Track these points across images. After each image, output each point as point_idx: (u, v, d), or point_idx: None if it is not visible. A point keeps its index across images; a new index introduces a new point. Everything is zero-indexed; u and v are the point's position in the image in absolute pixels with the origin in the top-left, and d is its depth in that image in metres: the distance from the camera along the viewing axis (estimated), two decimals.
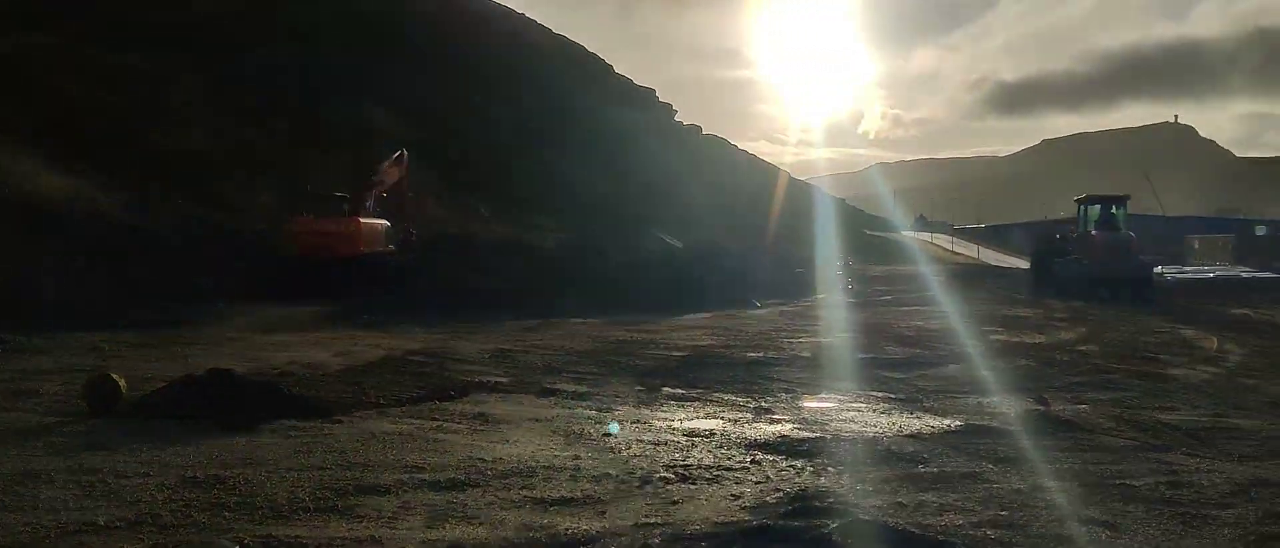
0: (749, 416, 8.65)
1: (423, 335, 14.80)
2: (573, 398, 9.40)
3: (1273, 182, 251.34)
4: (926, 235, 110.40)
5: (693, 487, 5.96)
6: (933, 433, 7.93)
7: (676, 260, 24.11)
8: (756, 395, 9.76)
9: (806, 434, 7.72)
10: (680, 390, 10.03)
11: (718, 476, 6.20)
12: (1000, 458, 6.96)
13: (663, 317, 18.56)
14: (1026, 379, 11.25)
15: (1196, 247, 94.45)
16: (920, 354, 13.22)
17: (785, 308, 21.77)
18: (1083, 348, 14.13)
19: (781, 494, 5.77)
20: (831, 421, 8.45)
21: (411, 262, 27.68)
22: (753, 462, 6.68)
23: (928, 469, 6.55)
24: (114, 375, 8.30)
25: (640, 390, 10.01)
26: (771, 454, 7.00)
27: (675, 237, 44.21)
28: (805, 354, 13.07)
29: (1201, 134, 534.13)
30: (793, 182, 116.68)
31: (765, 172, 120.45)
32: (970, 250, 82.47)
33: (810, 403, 9.47)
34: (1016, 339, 15.38)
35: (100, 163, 31.94)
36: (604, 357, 12.41)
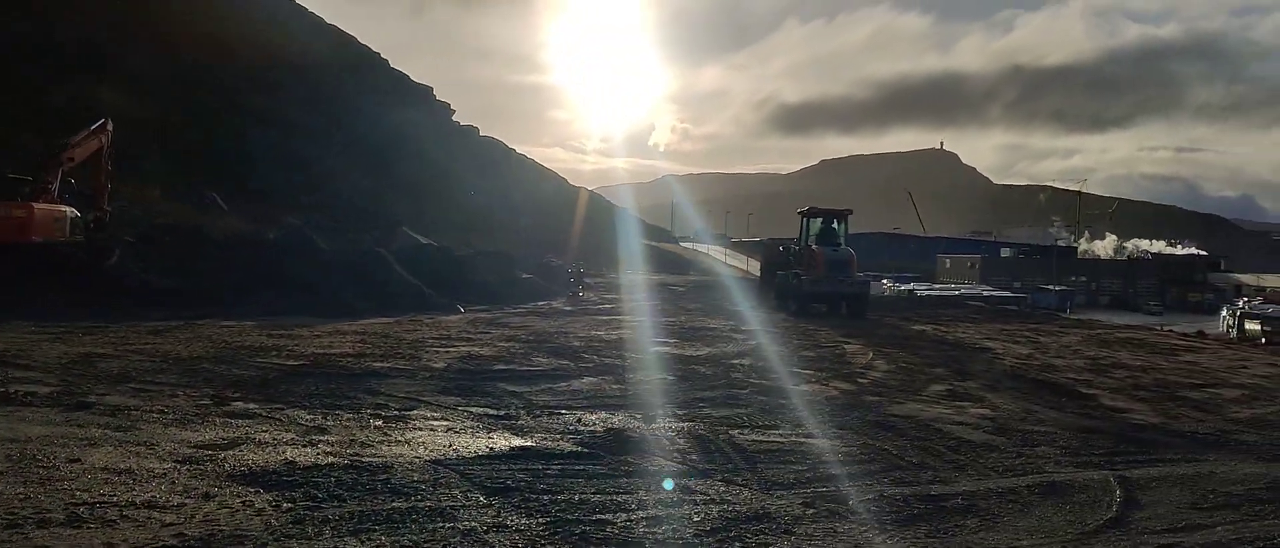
0: (293, 436, 7.68)
1: (24, 335, 13.06)
2: (108, 412, 8.19)
3: (1023, 207, 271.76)
4: (704, 247, 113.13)
5: (73, 531, 4.94)
6: (475, 457, 7.20)
7: (373, 261, 22.73)
8: (332, 413, 8.79)
9: (331, 461, 6.84)
10: (252, 406, 8.95)
11: (113, 519, 5.19)
12: (504, 489, 6.28)
13: (334, 320, 17.36)
14: (656, 395, 10.80)
15: (947, 265, 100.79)
16: (565, 367, 12.60)
17: (484, 315, 20.89)
18: (740, 362, 13.90)
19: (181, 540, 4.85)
20: (385, 443, 7.59)
21: (96, 248, 25.22)
22: (216, 497, 5.74)
23: (398, 504, 5.78)
24: None
25: (206, 405, 8.87)
26: (252, 487, 6.07)
27: (429, 237, 42.84)
28: (438, 365, 12.21)
29: (964, 160, 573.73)
30: (573, 188, 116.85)
31: (552, 176, 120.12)
32: (740, 262, 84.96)
33: (377, 422, 8.57)
34: (682, 352, 15.06)
35: None
36: (203, 365, 11.15)
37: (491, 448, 7.57)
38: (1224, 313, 34.97)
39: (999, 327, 24.07)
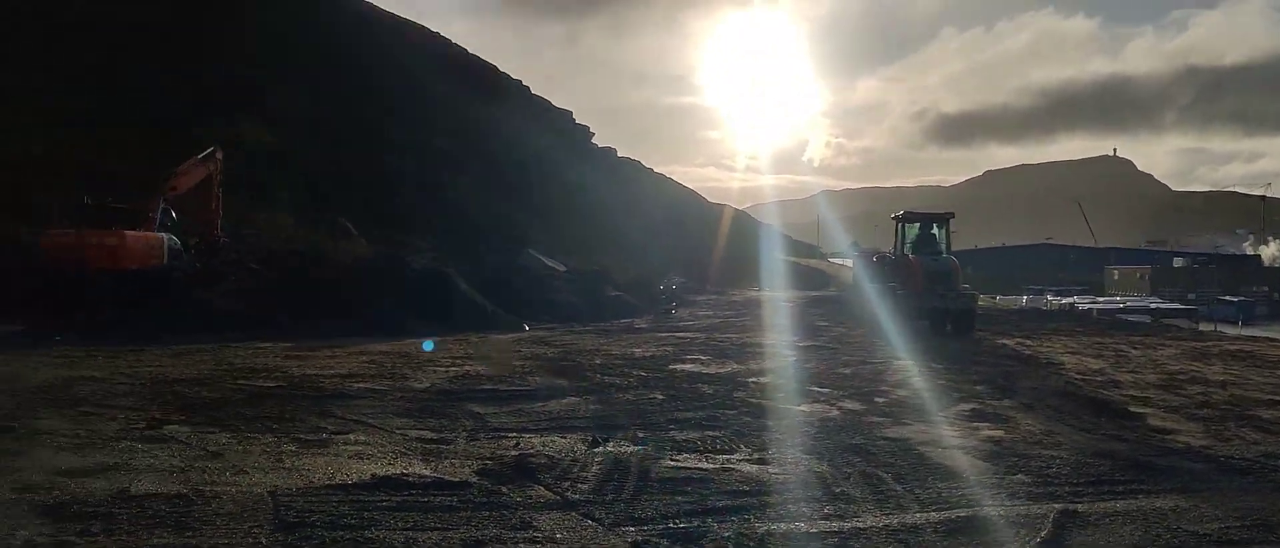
0: (175, 463, 7.35)
1: (36, 360, 13.35)
2: (17, 437, 8.08)
3: (1203, 215, 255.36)
4: (850, 262, 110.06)
5: None
6: (325, 487, 6.69)
7: (437, 281, 22.63)
8: (252, 437, 8.47)
9: (171, 489, 6.46)
10: (179, 430, 8.72)
11: None
12: (302, 524, 5.73)
13: (375, 340, 17.25)
14: (629, 415, 10.07)
15: (1115, 277, 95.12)
16: (556, 387, 11.98)
17: (542, 334, 20.49)
18: (756, 380, 12.96)
19: None
20: (261, 471, 7.19)
21: (203, 271, 26.21)
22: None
23: (169, 540, 5.30)
24: None
25: (132, 429, 8.69)
26: (50, 519, 5.73)
27: (558, 259, 43.09)
28: (421, 386, 11.78)
29: (1139, 168, 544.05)
30: (716, 206, 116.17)
31: (694, 196, 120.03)
32: None
33: (291, 447, 8.15)
34: (703, 369, 14.21)
35: None
36: (178, 388, 11.06)
37: (360, 478, 7.02)
38: None
39: (1094, 340, 22.01)
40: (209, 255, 27.71)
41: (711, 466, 7.76)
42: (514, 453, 8.08)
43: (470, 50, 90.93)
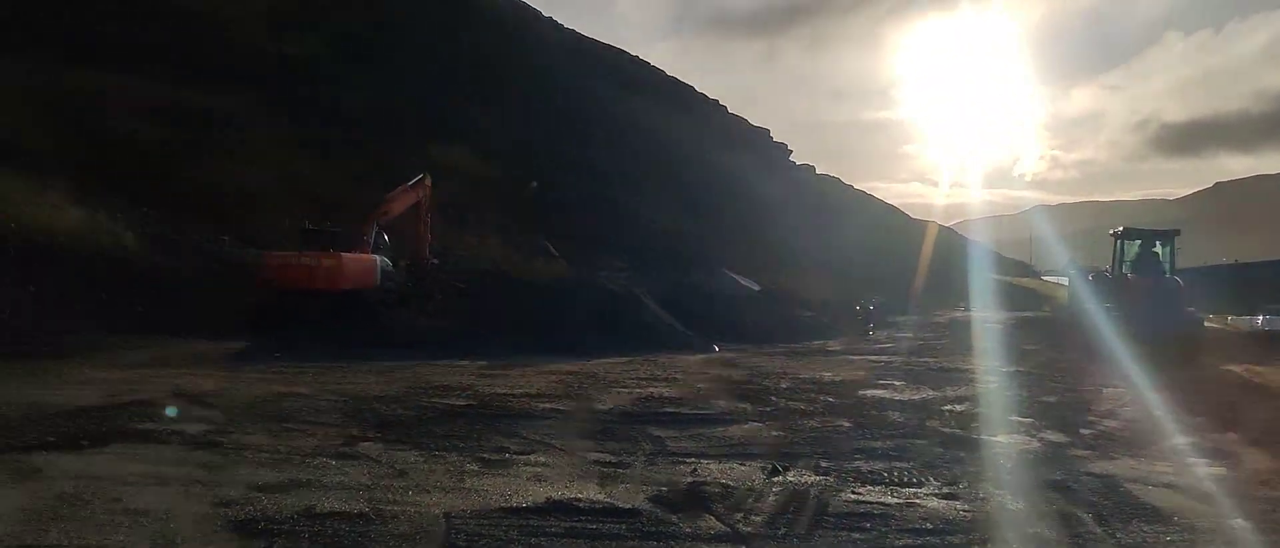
0: (365, 479, 7.60)
1: (247, 376, 14.21)
2: (224, 451, 8.57)
3: None
4: (1067, 280, 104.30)
5: None
6: (499, 510, 6.74)
7: (625, 301, 22.82)
8: (439, 456, 8.68)
9: (355, 508, 6.66)
10: (373, 447, 9.06)
11: None
12: None
13: (564, 360, 17.51)
14: (812, 443, 9.78)
15: None
16: (740, 411, 11.78)
17: (729, 355, 20.30)
18: (952, 408, 12.33)
19: None
20: (442, 491, 7.34)
21: (414, 293, 27.49)
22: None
23: None
24: None
25: (330, 444, 9.08)
26: (237, 535, 5.99)
27: (754, 279, 42.90)
28: (604, 407, 11.82)
29: None
30: (919, 224, 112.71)
31: (895, 213, 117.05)
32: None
33: (473, 466, 8.31)
34: (895, 395, 13.65)
35: (145, 199, 33.19)
36: (375, 405, 11.49)
37: (534, 501, 7.04)
38: None
39: None
40: (417, 277, 28.97)
41: (895, 499, 7.40)
42: (689, 480, 7.94)
43: (667, 71, 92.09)
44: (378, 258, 26.11)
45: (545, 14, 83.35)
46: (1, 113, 31.07)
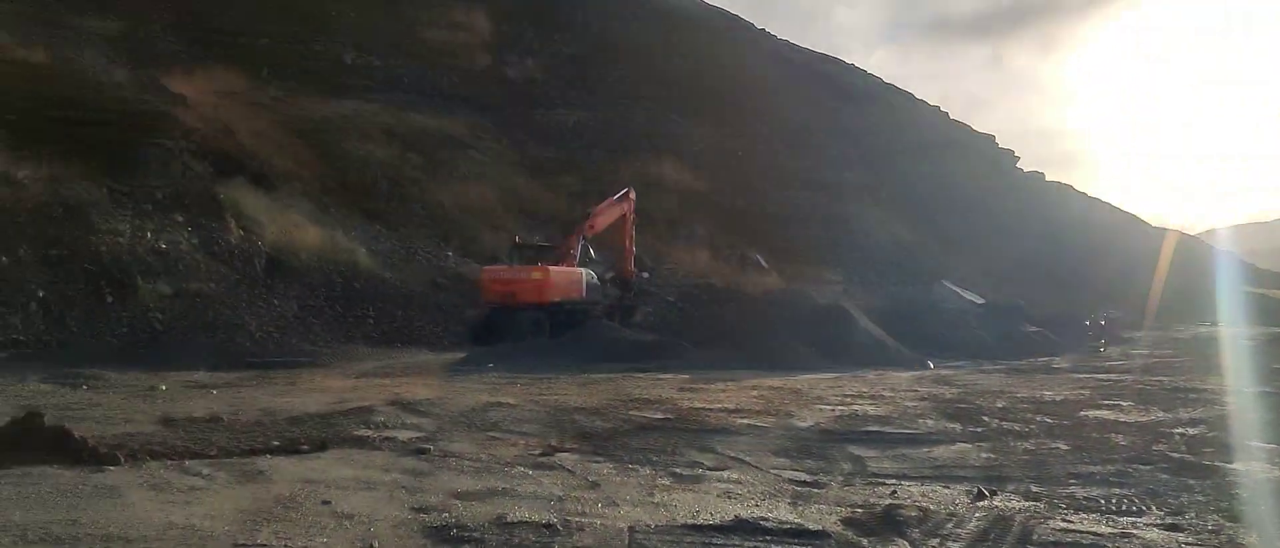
0: (557, 490, 7.74)
1: (465, 385, 14.78)
2: (431, 459, 8.94)
3: None
4: None
5: None
6: (683, 526, 6.69)
7: (834, 316, 22.21)
8: (632, 469, 8.75)
9: (542, 517, 6.78)
10: (569, 458, 9.23)
11: None
12: None
13: (772, 374, 17.30)
14: (1025, 466, 9.21)
15: None
16: (948, 431, 11.22)
17: (946, 371, 19.46)
18: (1183, 432, 11.27)
19: None
20: (631, 505, 7.37)
21: (620, 305, 28.03)
22: None
23: None
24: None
25: (530, 455, 9.32)
26: (427, 540, 6.21)
27: (976, 291, 41.29)
28: (804, 424, 11.54)
29: None
30: (1158, 232, 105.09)
31: (1131, 221, 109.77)
32: None
33: (665, 481, 8.31)
34: (1119, 416, 12.63)
35: (378, 216, 35.42)
36: (576, 416, 11.69)
37: (721, 518, 6.93)
38: None
39: None
40: (623, 289, 29.50)
41: (1109, 528, 6.84)
42: (886, 502, 7.62)
43: (885, 78, 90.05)
44: (584, 271, 26.73)
45: (757, 25, 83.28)
46: (251, 137, 33.85)
